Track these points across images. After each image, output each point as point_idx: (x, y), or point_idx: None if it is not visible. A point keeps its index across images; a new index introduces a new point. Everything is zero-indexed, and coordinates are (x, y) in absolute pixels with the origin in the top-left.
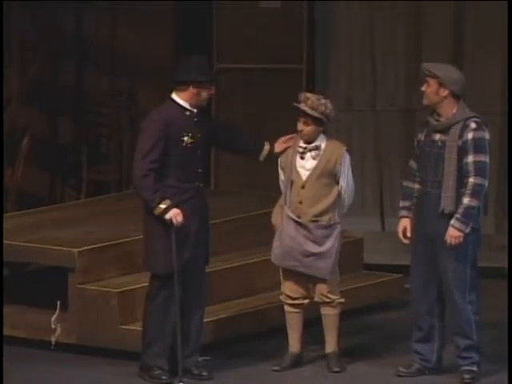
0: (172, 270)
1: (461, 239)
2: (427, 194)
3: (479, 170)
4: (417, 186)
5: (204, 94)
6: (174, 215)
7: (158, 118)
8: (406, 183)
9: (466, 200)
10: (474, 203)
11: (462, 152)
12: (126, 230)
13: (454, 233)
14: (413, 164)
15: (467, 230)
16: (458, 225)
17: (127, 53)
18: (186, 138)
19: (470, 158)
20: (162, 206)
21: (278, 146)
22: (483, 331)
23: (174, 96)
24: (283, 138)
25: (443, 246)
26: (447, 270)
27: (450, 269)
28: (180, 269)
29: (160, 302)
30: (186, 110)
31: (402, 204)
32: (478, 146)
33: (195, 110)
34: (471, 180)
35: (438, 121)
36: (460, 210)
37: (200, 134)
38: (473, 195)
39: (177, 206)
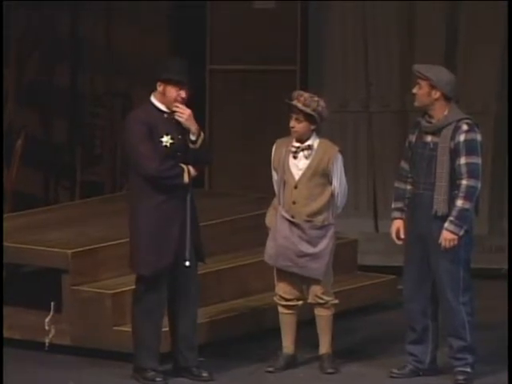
0: (156, 271)
1: (455, 242)
2: (419, 195)
3: (472, 171)
4: (409, 187)
5: (170, 94)
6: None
7: (139, 119)
8: (397, 184)
9: (459, 202)
10: (468, 205)
11: (454, 154)
12: (119, 231)
13: (448, 235)
14: (404, 165)
15: (461, 233)
16: (452, 227)
17: (123, 54)
18: (165, 139)
19: (463, 160)
20: (185, 172)
21: None
22: (477, 332)
23: (152, 98)
24: None
25: (436, 247)
26: (440, 272)
27: (443, 270)
28: (164, 270)
29: (146, 303)
30: (164, 112)
31: (394, 205)
32: (469, 148)
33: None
34: (464, 182)
35: (429, 122)
36: (454, 213)
37: (180, 136)
38: (466, 197)
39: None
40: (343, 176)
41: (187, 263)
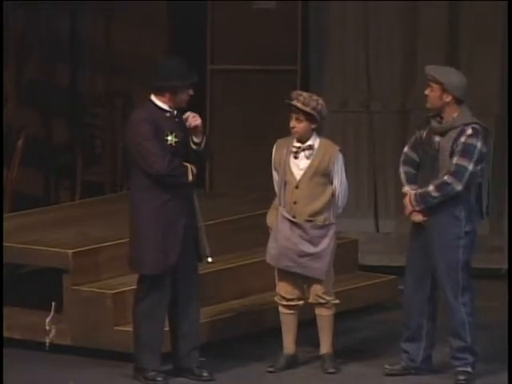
0: (162, 270)
1: (409, 207)
2: None
3: (457, 172)
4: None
5: (181, 97)
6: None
7: (144, 118)
8: (407, 169)
9: (430, 187)
10: (436, 194)
11: (452, 155)
12: (120, 231)
13: (407, 200)
14: (411, 153)
15: (416, 209)
16: (413, 198)
17: (123, 54)
18: (170, 138)
19: (454, 160)
20: (189, 171)
21: None
22: (477, 332)
23: (153, 98)
24: None
25: (436, 246)
26: (439, 272)
27: (442, 271)
28: (170, 269)
29: (148, 303)
30: (166, 111)
31: (408, 187)
32: (465, 151)
33: (175, 112)
34: (445, 177)
35: (439, 123)
36: (421, 191)
37: (183, 134)
38: (438, 188)
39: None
40: (344, 175)
41: (210, 259)
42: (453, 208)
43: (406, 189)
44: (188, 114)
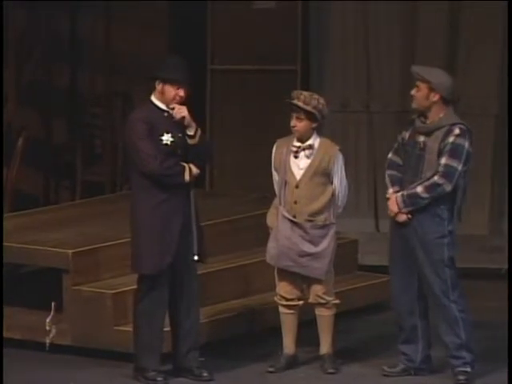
0: (158, 270)
1: (394, 209)
2: None
3: (447, 173)
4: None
5: (169, 93)
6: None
7: (140, 118)
8: (391, 172)
9: (419, 189)
10: (425, 195)
11: (440, 155)
12: (120, 231)
13: (393, 203)
14: (395, 158)
15: (404, 210)
16: (399, 200)
17: (122, 54)
18: (165, 137)
19: (443, 160)
20: (187, 171)
21: None
22: (477, 332)
23: (152, 97)
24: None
25: (420, 246)
26: (426, 272)
27: (429, 271)
28: (167, 268)
29: (148, 303)
30: (164, 111)
31: (393, 190)
32: (454, 151)
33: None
34: (435, 178)
35: (423, 123)
36: (408, 192)
37: (181, 134)
38: (428, 189)
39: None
40: (344, 175)
41: (195, 257)
42: (435, 208)
43: (391, 191)
44: (173, 105)
